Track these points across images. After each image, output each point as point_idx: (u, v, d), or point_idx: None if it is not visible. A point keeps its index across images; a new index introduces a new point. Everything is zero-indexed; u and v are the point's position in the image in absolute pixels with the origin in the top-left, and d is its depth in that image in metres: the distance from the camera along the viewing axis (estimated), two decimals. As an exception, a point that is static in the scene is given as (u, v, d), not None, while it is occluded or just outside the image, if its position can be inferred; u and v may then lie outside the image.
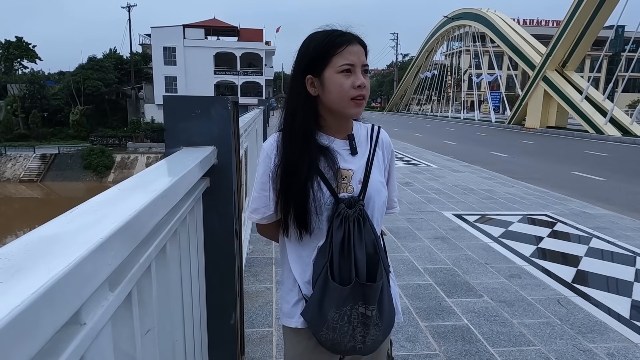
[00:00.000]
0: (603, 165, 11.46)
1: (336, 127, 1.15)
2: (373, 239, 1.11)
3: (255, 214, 1.19)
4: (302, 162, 1.08)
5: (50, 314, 0.45)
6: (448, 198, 6.46)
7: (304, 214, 1.07)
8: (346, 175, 1.12)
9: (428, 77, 49.47)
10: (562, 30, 24.42)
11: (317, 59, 1.09)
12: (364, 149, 1.18)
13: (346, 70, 1.07)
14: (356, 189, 1.13)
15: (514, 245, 4.34)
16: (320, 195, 1.07)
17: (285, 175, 1.09)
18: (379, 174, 1.19)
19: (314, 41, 1.11)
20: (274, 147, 1.14)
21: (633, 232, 4.94)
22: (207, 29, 52.15)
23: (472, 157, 12.08)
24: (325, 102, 1.11)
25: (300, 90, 1.12)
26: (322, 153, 1.10)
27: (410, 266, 3.73)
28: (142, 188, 1.03)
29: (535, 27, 53.55)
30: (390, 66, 76.83)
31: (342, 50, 1.08)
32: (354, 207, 1.09)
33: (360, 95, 1.09)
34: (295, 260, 1.15)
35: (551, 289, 3.33)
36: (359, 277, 1.07)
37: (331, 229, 1.08)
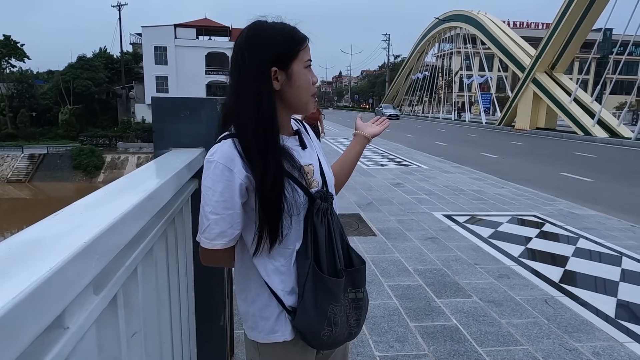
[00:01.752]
0: (591, 167, 11.61)
1: (285, 124, 1.11)
2: (340, 227, 1.13)
3: (221, 239, 1.03)
4: (277, 166, 1.01)
5: (31, 319, 0.45)
6: (438, 199, 6.50)
7: (277, 222, 1.02)
8: (309, 171, 1.10)
9: (419, 78, 49.71)
10: (551, 32, 24.71)
11: (287, 50, 1.03)
12: (309, 142, 1.17)
13: (309, 65, 1.07)
14: (319, 182, 1.12)
15: (502, 245, 4.38)
16: (297, 196, 1.04)
17: (261, 185, 0.99)
18: (326, 161, 1.20)
19: (279, 32, 1.04)
20: (233, 157, 1.00)
21: (619, 232, 5.01)
22: (198, 29, 51.87)
23: (462, 158, 12.17)
24: (287, 98, 1.05)
25: (267, 85, 1.02)
26: (283, 153, 1.05)
27: (401, 267, 3.75)
28: (129, 190, 1.02)
29: (525, 29, 54.09)
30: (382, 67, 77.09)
31: (306, 45, 1.06)
32: (326, 200, 1.08)
33: (315, 92, 1.11)
34: (271, 273, 1.07)
35: (539, 289, 3.37)
36: (342, 265, 1.09)
37: (311, 228, 1.06)
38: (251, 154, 1.01)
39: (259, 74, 1.02)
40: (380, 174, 8.65)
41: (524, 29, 54.21)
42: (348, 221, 5.14)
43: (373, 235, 4.63)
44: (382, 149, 13.56)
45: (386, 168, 9.58)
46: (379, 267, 3.71)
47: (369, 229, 4.85)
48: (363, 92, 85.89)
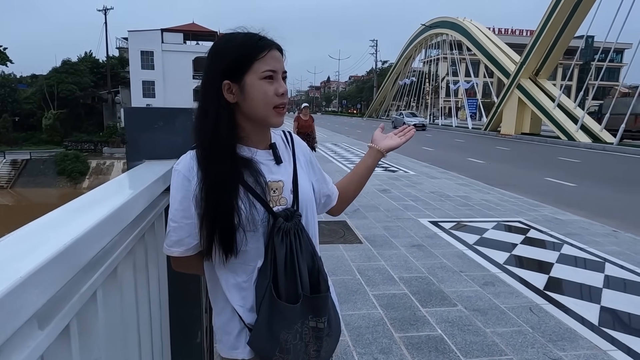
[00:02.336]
0: (574, 172, 11.78)
1: (257, 137, 1.07)
2: (311, 250, 1.07)
3: (178, 247, 1.05)
4: (229, 179, 0.99)
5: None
6: (425, 205, 6.50)
7: (231, 236, 0.99)
8: (277, 187, 1.07)
9: (407, 83, 50.15)
10: (535, 39, 25.14)
11: (237, 63, 1.00)
12: (287, 157, 1.13)
13: (269, 76, 1.02)
14: (289, 199, 1.08)
15: (488, 252, 4.39)
16: (255, 212, 1.00)
17: (210, 196, 0.98)
18: (306, 178, 1.16)
19: (232, 43, 1.02)
20: (192, 166, 1.02)
21: (602, 237, 5.07)
22: (185, 34, 51.63)
23: (449, 164, 12.25)
24: (245, 111, 1.03)
25: (217, 97, 1.01)
26: (248, 167, 1.02)
27: (386, 275, 3.72)
28: (92, 207, 0.97)
29: (510, 36, 55.01)
30: (370, 72, 77.55)
31: (264, 54, 1.01)
32: (291, 219, 1.04)
33: (282, 104, 1.05)
34: (232, 288, 1.05)
35: (524, 296, 3.37)
36: (304, 290, 1.03)
37: (271, 247, 1.02)
38: (203, 165, 1.01)
39: (212, 86, 1.02)
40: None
41: (509, 35, 55.12)
42: (334, 228, 5.11)
43: (359, 243, 4.60)
44: (369, 154, 13.58)
45: (373, 174, 9.49)
46: (365, 276, 3.67)
47: (355, 237, 4.82)
48: (351, 97, 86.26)
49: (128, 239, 1.07)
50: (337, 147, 15.79)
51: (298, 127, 8.86)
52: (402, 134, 1.38)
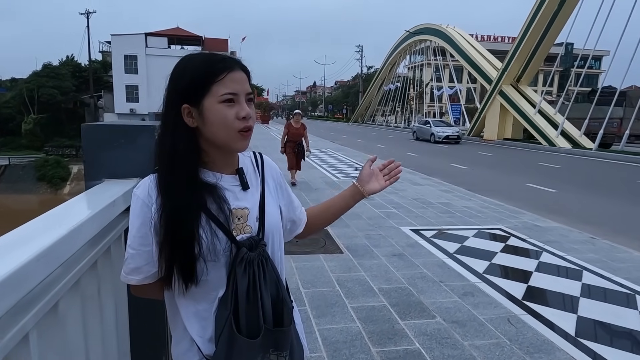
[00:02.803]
0: (555, 177, 11.96)
1: (222, 161, 1.03)
2: (275, 280, 1.03)
3: (136, 275, 1.01)
4: (190, 207, 0.95)
5: None
6: (407, 212, 6.51)
7: (191, 265, 0.95)
8: (242, 215, 1.02)
9: (392, 89, 50.54)
10: (516, 46, 25.60)
11: (195, 87, 0.96)
12: (255, 182, 1.09)
13: (229, 100, 0.97)
14: (254, 227, 1.03)
15: (468, 261, 4.39)
16: (216, 241, 0.96)
17: (169, 224, 0.94)
18: (274, 205, 1.12)
19: (191, 65, 0.98)
20: (151, 192, 0.98)
21: (580, 245, 5.13)
22: (170, 38, 51.25)
23: (433, 169, 12.33)
24: (207, 136, 0.98)
25: (177, 121, 0.97)
26: (211, 193, 0.97)
27: (366, 286, 3.69)
28: (34, 236, 0.91)
29: (492, 42, 55.94)
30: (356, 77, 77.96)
31: (223, 77, 0.97)
32: (256, 249, 1.00)
33: (247, 127, 1.00)
34: (191, 316, 1.01)
35: (502, 307, 3.37)
36: (267, 323, 0.99)
37: (233, 277, 0.97)
38: (162, 191, 0.97)
39: (172, 110, 0.99)
40: (350, 187, 8.62)
41: (491, 42, 56.06)
42: (315, 238, 5.06)
43: (340, 253, 4.56)
44: (353, 160, 13.60)
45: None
46: (344, 288, 3.63)
47: (336, 246, 4.78)
48: (337, 102, 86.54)
49: (76, 268, 1.01)
50: (322, 153, 15.77)
51: (288, 135, 8.57)
52: (389, 177, 1.31)
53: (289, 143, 8.59)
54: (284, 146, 8.71)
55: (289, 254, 4.43)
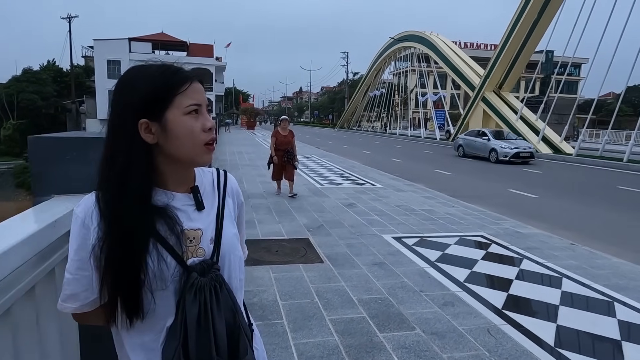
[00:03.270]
0: (536, 183, 12.10)
1: (176, 179, 0.96)
2: (231, 306, 0.95)
3: (72, 302, 0.92)
4: (139, 233, 0.87)
5: None
6: (390, 220, 6.47)
7: (136, 297, 0.87)
8: (194, 237, 0.95)
9: (377, 95, 50.83)
10: (498, 53, 26.02)
11: (155, 99, 0.89)
12: (212, 201, 1.02)
13: (194, 111, 0.92)
14: (208, 250, 0.96)
15: (449, 269, 4.36)
16: (164, 267, 0.88)
17: (113, 249, 0.86)
18: (232, 226, 1.04)
19: (146, 77, 0.91)
20: (93, 212, 0.89)
21: (560, 251, 5.14)
22: (154, 43, 50.80)
23: (417, 175, 12.36)
24: (169, 151, 0.91)
25: (131, 139, 0.89)
26: (161, 214, 0.90)
27: (345, 297, 3.61)
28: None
29: (475, 49, 56.84)
30: (342, 84, 78.31)
31: (187, 87, 0.91)
32: (208, 273, 0.93)
33: (212, 139, 0.95)
34: (137, 348, 0.93)
35: (482, 317, 3.33)
36: (220, 354, 0.91)
37: (182, 304, 0.90)
38: (106, 213, 0.88)
39: (123, 127, 0.89)
40: (333, 194, 8.57)
41: (474, 49, 56.96)
42: (296, 247, 4.98)
43: (320, 262, 4.48)
44: (338, 166, 13.56)
45: (340, 187, 9.53)
46: (323, 299, 3.55)
47: (317, 255, 4.70)
48: (323, 108, 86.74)
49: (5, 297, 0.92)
50: (307, 159, 15.69)
51: (276, 143, 8.13)
52: None
53: (277, 152, 8.15)
54: (274, 155, 8.13)
55: (268, 264, 4.34)
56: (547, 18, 23.11)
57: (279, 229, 5.73)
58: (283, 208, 7.09)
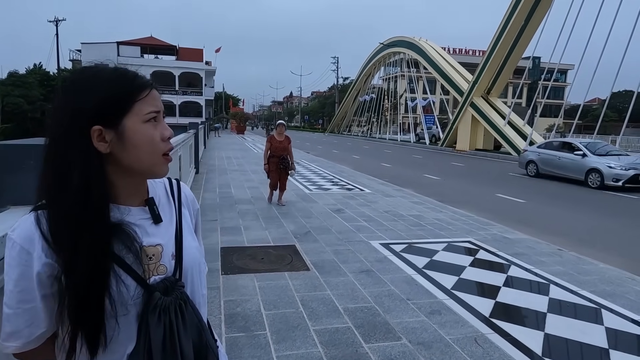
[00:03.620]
0: (524, 187, 12.17)
1: (129, 191, 0.88)
2: (197, 323, 0.88)
3: (14, 340, 0.80)
4: (97, 252, 0.78)
5: None
6: (378, 226, 6.41)
7: (100, 326, 0.79)
8: (154, 253, 0.87)
9: (367, 100, 51.03)
10: (486, 59, 26.27)
11: (113, 104, 0.81)
12: (169, 213, 0.94)
13: (153, 118, 0.85)
14: (169, 267, 0.89)
15: (437, 276, 4.31)
16: (124, 290, 0.80)
17: (71, 277, 0.77)
18: (192, 238, 0.97)
19: (101, 79, 0.83)
20: (35, 236, 0.78)
21: (547, 257, 5.13)
22: (143, 47, 50.54)
23: (405, 180, 12.36)
24: (124, 162, 0.84)
25: (83, 148, 0.79)
26: (116, 232, 0.81)
27: (331, 306, 3.53)
28: None
29: (463, 55, 57.44)
30: (332, 88, 78.49)
31: (147, 94, 0.85)
32: (172, 291, 0.85)
33: (170, 149, 0.88)
34: None
35: (469, 325, 3.28)
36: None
37: (145, 328, 0.82)
38: (58, 235, 0.78)
39: (71, 134, 0.80)
40: (322, 199, 8.50)
41: (463, 55, 57.57)
42: (282, 254, 4.89)
43: (306, 270, 4.40)
44: (327, 171, 13.51)
45: (329, 192, 9.46)
46: (308, 308, 3.47)
47: (303, 263, 4.62)
48: (313, 113, 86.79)
49: None
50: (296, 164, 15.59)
51: (271, 149, 7.55)
52: None
53: (272, 159, 7.56)
54: (267, 163, 7.63)
55: (252, 272, 4.25)
56: (533, 25, 23.42)
57: (266, 236, 5.63)
58: (270, 214, 7.00)
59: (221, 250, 4.92)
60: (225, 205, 7.56)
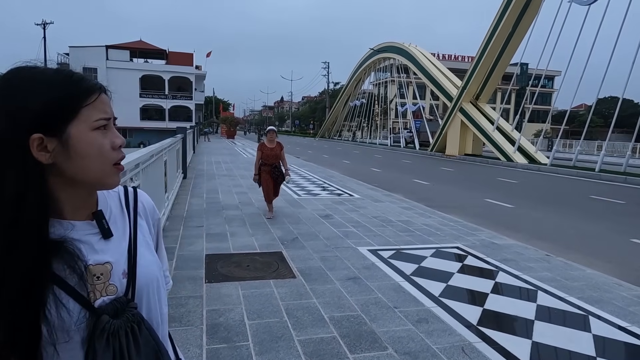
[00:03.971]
0: (512, 192, 12.24)
1: (76, 205, 0.80)
2: (154, 346, 0.80)
3: None
4: (24, 275, 0.69)
5: None
6: (366, 231, 6.36)
7: (34, 356, 0.70)
8: (102, 272, 0.79)
9: (357, 105, 51.20)
10: (475, 65, 26.52)
11: (57, 109, 0.74)
12: (122, 226, 0.87)
13: (102, 126, 0.78)
14: (120, 286, 0.81)
15: (424, 283, 4.26)
16: (65, 315, 0.72)
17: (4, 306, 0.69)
18: (149, 253, 0.89)
19: (42, 81, 0.74)
20: None
21: (535, 263, 5.11)
22: (132, 51, 50.18)
23: (395, 185, 12.35)
24: (69, 172, 0.76)
25: (21, 156, 0.71)
26: (57, 250, 0.74)
27: (316, 315, 3.46)
28: None
29: (453, 61, 57.99)
30: (323, 93, 78.66)
31: (95, 98, 0.77)
32: (122, 313, 0.78)
33: (122, 158, 0.82)
34: None
35: (457, 334, 3.22)
36: None
37: (92, 355, 0.74)
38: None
39: (9, 143, 0.71)
40: (310, 205, 8.43)
41: (452, 61, 58.11)
42: (268, 261, 4.80)
43: (292, 277, 4.32)
44: (316, 176, 13.45)
45: (317, 198, 9.40)
46: (292, 318, 3.39)
47: (289, 270, 4.54)
48: (304, 118, 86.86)
49: None
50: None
51: (262, 157, 7.05)
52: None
53: (264, 167, 7.06)
54: (257, 173, 7.13)
55: (237, 279, 4.16)
56: (521, 32, 23.72)
57: (252, 242, 5.54)
58: (258, 220, 6.90)
59: (206, 258, 4.82)
60: (212, 211, 7.45)
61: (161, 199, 6.29)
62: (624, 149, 31.48)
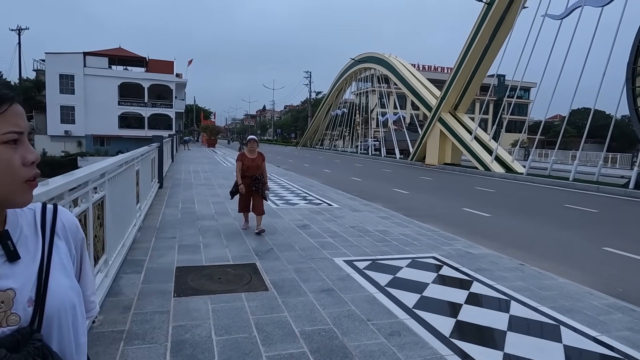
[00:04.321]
0: (489, 201, 12.39)
1: None
2: None
3: None
4: None
5: None
6: (343, 242, 6.30)
7: None
8: (3, 300, 0.72)
9: (339, 114, 51.45)
10: (453, 76, 27.01)
11: None
12: (33, 247, 0.80)
13: (13, 140, 0.72)
14: (24, 315, 0.74)
15: (399, 294, 4.21)
16: None
17: None
18: (64, 277, 0.82)
19: None
20: None
21: (510, 272, 5.14)
22: (111, 58, 49.39)
23: (375, 194, 12.36)
24: None
25: None
26: None
27: (287, 330, 3.37)
28: None
29: (432, 72, 59.03)
30: (305, 102, 78.89)
31: (5, 109, 0.72)
32: (24, 346, 0.70)
33: (36, 175, 0.75)
34: None
35: (429, 347, 3.18)
36: None
37: None
38: None
39: None
40: (288, 215, 8.33)
41: (432, 72, 59.16)
42: (241, 273, 4.69)
43: (265, 290, 4.21)
44: (296, 185, 13.37)
45: (296, 207, 9.31)
46: (262, 333, 3.29)
47: (262, 282, 4.43)
48: (287, 126, 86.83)
49: None
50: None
51: (242, 169, 6.68)
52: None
53: (243, 179, 6.70)
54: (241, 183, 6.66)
55: (207, 293, 4.04)
56: (497, 44, 24.29)
57: (225, 254, 5.42)
58: (232, 230, 6.77)
59: (176, 270, 4.68)
60: (186, 222, 7.28)
61: (132, 209, 6.11)
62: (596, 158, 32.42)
